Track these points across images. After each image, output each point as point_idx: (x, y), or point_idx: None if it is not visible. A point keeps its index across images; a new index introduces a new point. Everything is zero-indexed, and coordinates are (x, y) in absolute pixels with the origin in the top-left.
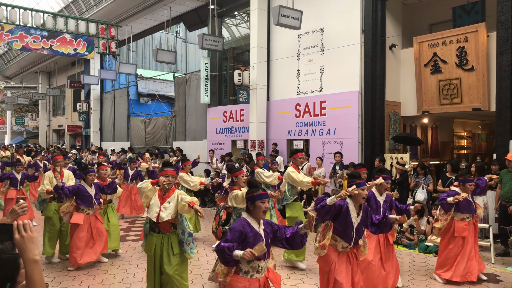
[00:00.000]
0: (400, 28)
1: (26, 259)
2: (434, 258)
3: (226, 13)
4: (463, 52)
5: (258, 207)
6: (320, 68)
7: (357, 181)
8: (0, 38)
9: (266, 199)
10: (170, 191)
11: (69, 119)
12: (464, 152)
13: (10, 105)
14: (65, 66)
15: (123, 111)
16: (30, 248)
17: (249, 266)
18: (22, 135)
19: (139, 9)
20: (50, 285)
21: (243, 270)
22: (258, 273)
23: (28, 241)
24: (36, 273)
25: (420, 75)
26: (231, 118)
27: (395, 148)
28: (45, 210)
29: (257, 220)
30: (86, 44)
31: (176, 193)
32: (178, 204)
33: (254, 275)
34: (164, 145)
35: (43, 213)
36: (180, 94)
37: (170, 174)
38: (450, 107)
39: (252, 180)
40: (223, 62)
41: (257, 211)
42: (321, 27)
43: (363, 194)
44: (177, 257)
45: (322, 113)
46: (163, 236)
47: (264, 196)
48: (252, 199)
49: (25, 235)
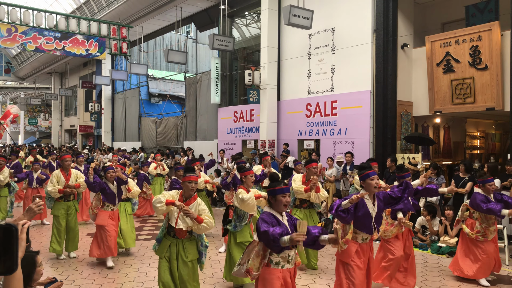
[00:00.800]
0: (412, 27)
1: None
2: (447, 259)
3: (237, 13)
4: (477, 51)
5: (279, 200)
6: (331, 68)
7: (367, 172)
8: (14, 40)
9: (287, 193)
10: (191, 199)
11: (81, 119)
12: (477, 152)
13: (23, 105)
14: (77, 66)
15: (134, 111)
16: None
17: (280, 257)
18: (35, 135)
19: (150, 10)
20: (64, 283)
21: (274, 261)
22: (288, 263)
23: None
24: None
25: (432, 74)
26: (242, 118)
27: (407, 148)
28: (53, 209)
29: (279, 213)
30: (98, 44)
31: (196, 202)
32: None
33: (285, 266)
34: (175, 145)
35: (52, 212)
36: (191, 94)
37: (193, 180)
38: (463, 106)
39: (273, 173)
40: (234, 62)
41: (278, 205)
42: (332, 26)
43: (374, 184)
44: (190, 263)
45: (333, 113)
46: (178, 241)
47: (286, 190)
48: (274, 192)
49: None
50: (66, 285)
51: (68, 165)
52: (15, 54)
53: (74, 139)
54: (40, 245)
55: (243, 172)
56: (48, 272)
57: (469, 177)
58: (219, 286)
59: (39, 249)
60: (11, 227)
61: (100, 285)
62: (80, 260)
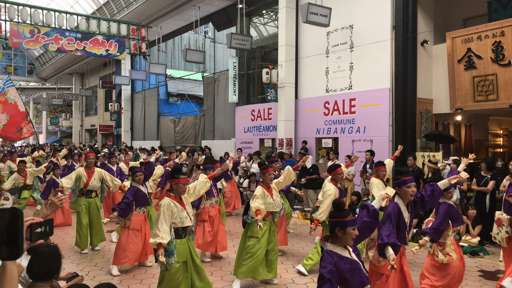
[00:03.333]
0: (432, 24)
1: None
2: (469, 258)
3: (254, 12)
4: (499, 47)
5: (349, 234)
6: (349, 66)
7: (404, 178)
8: (37, 41)
9: (355, 226)
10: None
11: (101, 119)
12: (499, 151)
13: (45, 105)
14: (97, 67)
15: (153, 111)
16: None
17: None
18: (57, 134)
19: (169, 10)
20: (85, 278)
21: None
22: None
23: None
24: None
25: (453, 71)
26: (259, 117)
27: (427, 146)
28: (76, 205)
29: (344, 247)
30: (117, 45)
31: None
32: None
33: None
34: (193, 143)
35: (76, 207)
36: (209, 94)
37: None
38: (485, 104)
39: (338, 201)
40: (251, 61)
41: (347, 238)
42: (351, 24)
43: (411, 192)
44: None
45: (351, 111)
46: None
47: (356, 222)
48: (343, 225)
49: None
50: (87, 280)
51: (91, 163)
52: (37, 55)
53: (94, 139)
54: (65, 244)
55: (262, 170)
56: (69, 268)
57: (491, 176)
58: (227, 278)
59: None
60: (16, 211)
61: (120, 281)
62: (101, 256)
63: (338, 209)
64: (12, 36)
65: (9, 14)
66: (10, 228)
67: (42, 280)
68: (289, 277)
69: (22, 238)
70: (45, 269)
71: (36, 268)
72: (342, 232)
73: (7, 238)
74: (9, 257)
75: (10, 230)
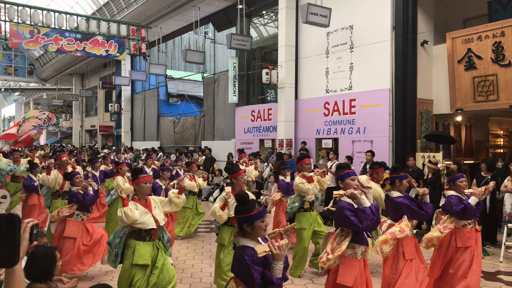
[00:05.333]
0: (432, 24)
1: None
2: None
3: (254, 13)
4: (500, 47)
5: (258, 227)
6: (349, 66)
7: (346, 171)
8: (37, 41)
9: (264, 217)
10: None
11: (101, 120)
12: (500, 152)
13: (45, 106)
14: (97, 67)
15: (153, 111)
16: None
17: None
18: (57, 135)
19: (169, 11)
20: (83, 279)
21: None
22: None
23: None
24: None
25: (454, 71)
26: (259, 117)
27: (427, 147)
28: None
29: None
30: (117, 45)
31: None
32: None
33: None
34: (193, 144)
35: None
36: (209, 94)
37: (148, 180)
38: (485, 104)
39: (242, 193)
40: (251, 62)
41: (258, 232)
42: (350, 24)
43: (354, 184)
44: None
45: (351, 111)
46: (154, 243)
47: (263, 214)
48: (251, 219)
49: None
50: (86, 281)
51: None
52: (37, 56)
53: (94, 139)
54: None
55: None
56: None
57: (491, 176)
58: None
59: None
60: (13, 217)
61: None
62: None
63: (242, 203)
64: (12, 37)
65: (9, 14)
66: (7, 234)
67: (38, 281)
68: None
69: (19, 245)
70: (39, 270)
71: (29, 268)
72: (251, 227)
73: (4, 244)
74: (5, 265)
75: (7, 236)
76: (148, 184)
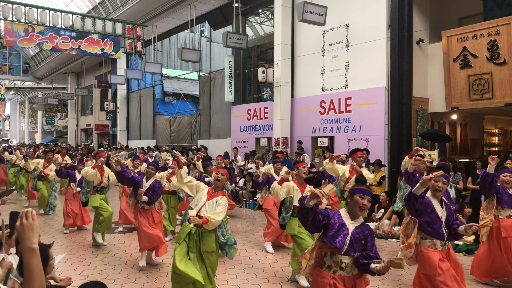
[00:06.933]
0: (427, 22)
1: (24, 247)
2: (465, 257)
3: (250, 11)
4: (495, 45)
5: (355, 200)
6: (345, 64)
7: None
8: (31, 39)
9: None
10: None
11: (97, 118)
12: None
13: (41, 105)
14: (93, 66)
15: (149, 110)
16: (29, 236)
17: (332, 261)
18: (52, 134)
19: (164, 9)
20: (77, 277)
21: (326, 264)
22: (342, 270)
23: (28, 229)
24: (33, 261)
25: (449, 70)
26: (255, 116)
27: (422, 145)
28: (90, 202)
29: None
30: (113, 44)
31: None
32: None
33: (337, 272)
34: (189, 143)
35: (90, 204)
36: (205, 93)
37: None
38: (480, 102)
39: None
40: (247, 60)
41: (354, 205)
42: (346, 22)
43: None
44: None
45: (347, 110)
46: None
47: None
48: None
49: (25, 222)
50: (80, 279)
51: (102, 163)
52: (32, 54)
53: (90, 138)
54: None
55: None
56: (62, 267)
57: None
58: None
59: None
60: None
61: (113, 280)
62: (95, 256)
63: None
64: (6, 35)
65: (3, 12)
66: None
67: None
68: (284, 276)
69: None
70: None
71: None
72: (350, 198)
73: None
74: None
75: None
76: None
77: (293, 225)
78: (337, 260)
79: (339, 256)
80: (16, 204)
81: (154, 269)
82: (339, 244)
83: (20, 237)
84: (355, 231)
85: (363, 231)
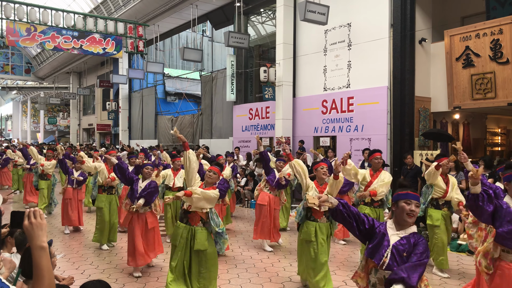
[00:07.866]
0: (430, 22)
1: (33, 245)
2: (467, 257)
3: (252, 11)
4: (498, 44)
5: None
6: (347, 64)
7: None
8: (33, 39)
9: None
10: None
11: (99, 118)
12: (498, 150)
13: (43, 105)
14: (95, 66)
15: (151, 110)
16: (38, 235)
17: (376, 278)
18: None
19: (166, 8)
20: (80, 277)
21: (371, 282)
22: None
23: (37, 227)
24: (43, 260)
25: (452, 69)
26: (257, 116)
27: (425, 144)
28: (96, 201)
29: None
30: (114, 43)
31: None
32: None
33: None
34: (190, 143)
35: (95, 204)
36: (207, 92)
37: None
38: (483, 102)
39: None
40: (249, 60)
41: (400, 213)
42: (349, 22)
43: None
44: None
45: (349, 109)
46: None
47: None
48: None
49: (33, 221)
50: (82, 278)
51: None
52: (35, 54)
53: (92, 138)
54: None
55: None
56: (64, 266)
57: (489, 174)
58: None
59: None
60: None
61: (115, 280)
62: (97, 255)
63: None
64: (8, 34)
65: (5, 12)
66: None
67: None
68: (286, 276)
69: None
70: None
71: (22, 265)
72: (395, 205)
73: None
74: None
75: None
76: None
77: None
78: (380, 277)
79: (382, 272)
80: (18, 204)
81: (156, 268)
82: (377, 257)
83: (29, 236)
84: (399, 243)
85: (409, 242)
